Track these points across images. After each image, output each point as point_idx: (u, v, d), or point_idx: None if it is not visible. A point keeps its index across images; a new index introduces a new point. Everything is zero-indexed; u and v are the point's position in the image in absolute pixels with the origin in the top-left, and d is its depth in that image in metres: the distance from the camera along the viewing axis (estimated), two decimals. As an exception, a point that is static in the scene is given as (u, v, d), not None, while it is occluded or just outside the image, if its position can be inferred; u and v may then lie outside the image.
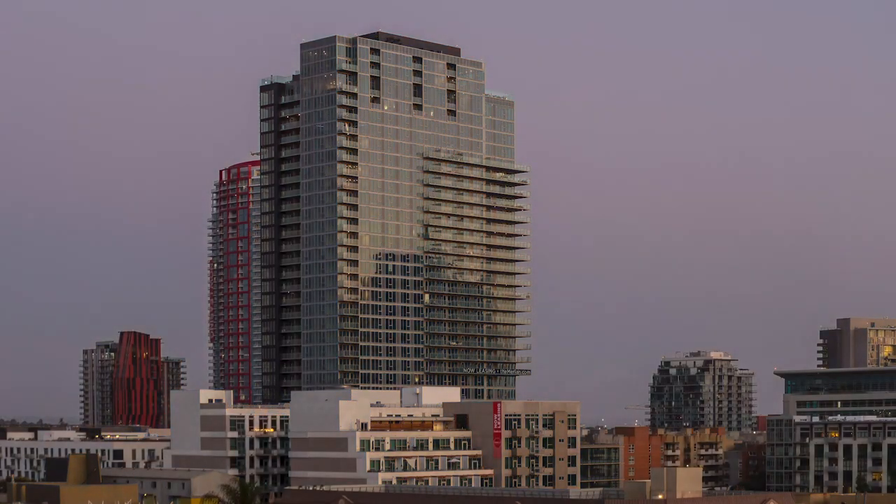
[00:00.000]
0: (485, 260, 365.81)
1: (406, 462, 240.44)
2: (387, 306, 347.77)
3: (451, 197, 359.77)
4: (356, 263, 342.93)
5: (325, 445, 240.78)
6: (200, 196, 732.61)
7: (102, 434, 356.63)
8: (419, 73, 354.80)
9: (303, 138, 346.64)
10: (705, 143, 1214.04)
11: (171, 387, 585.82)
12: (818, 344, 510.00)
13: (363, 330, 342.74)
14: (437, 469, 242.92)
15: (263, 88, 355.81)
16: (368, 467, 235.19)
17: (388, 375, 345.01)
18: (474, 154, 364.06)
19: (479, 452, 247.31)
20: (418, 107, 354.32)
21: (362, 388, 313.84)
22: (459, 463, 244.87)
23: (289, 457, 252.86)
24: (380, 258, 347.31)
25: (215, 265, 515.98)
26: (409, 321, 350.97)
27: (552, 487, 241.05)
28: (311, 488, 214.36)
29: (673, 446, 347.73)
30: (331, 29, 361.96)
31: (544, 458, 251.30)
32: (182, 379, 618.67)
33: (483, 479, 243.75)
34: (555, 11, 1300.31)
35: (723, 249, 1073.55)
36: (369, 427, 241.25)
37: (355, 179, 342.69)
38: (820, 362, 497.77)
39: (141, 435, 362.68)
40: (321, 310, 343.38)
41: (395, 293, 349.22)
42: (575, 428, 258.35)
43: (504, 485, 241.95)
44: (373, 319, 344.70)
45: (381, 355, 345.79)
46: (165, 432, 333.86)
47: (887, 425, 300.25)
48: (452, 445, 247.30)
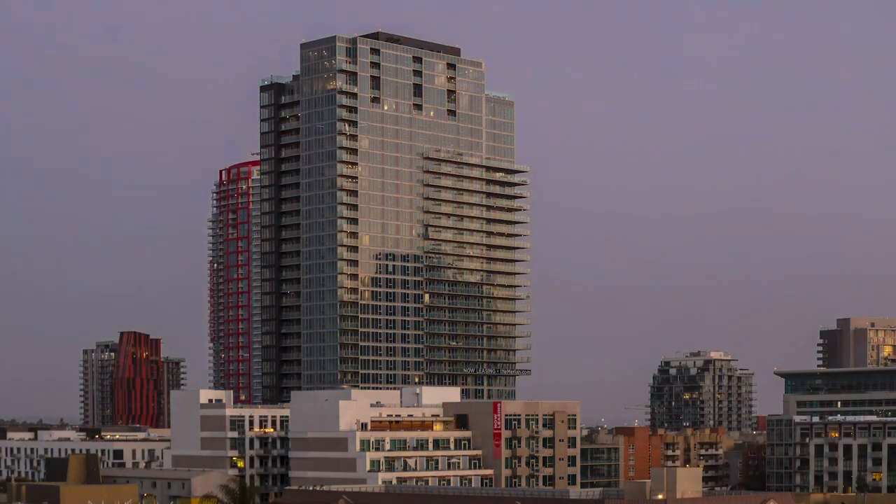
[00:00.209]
0: (485, 260, 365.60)
1: (406, 462, 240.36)
2: (387, 306, 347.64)
3: (451, 197, 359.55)
4: (356, 263, 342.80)
5: (325, 445, 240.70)
6: (200, 196, 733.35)
7: (102, 434, 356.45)
8: (419, 73, 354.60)
9: (303, 138, 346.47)
10: (706, 143, 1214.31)
11: (171, 387, 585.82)
12: (818, 344, 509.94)
13: (363, 330, 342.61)
14: (437, 469, 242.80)
15: (263, 88, 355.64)
16: (368, 467, 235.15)
17: (388, 375, 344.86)
18: (474, 154, 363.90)
19: (479, 452, 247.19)
20: (418, 107, 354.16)
21: (362, 388, 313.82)
22: (459, 463, 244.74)
23: (289, 457, 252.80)
24: (380, 258, 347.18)
25: (215, 265, 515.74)
26: (409, 321, 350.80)
27: (552, 487, 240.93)
28: (311, 488, 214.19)
29: (673, 446, 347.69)
30: (331, 29, 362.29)
31: (544, 458, 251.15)
32: (182, 379, 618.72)
33: (483, 479, 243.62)
34: (555, 12, 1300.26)
35: (723, 249, 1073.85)
36: (369, 427, 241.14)
37: (355, 179, 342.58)
38: (820, 362, 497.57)
39: (141, 435, 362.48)
40: (321, 310, 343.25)
41: (395, 293, 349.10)
42: (575, 428, 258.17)
43: (504, 485, 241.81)
44: (373, 319, 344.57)
45: (381, 355, 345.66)
46: (165, 432, 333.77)
47: (887, 425, 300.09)
48: (452, 445, 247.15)
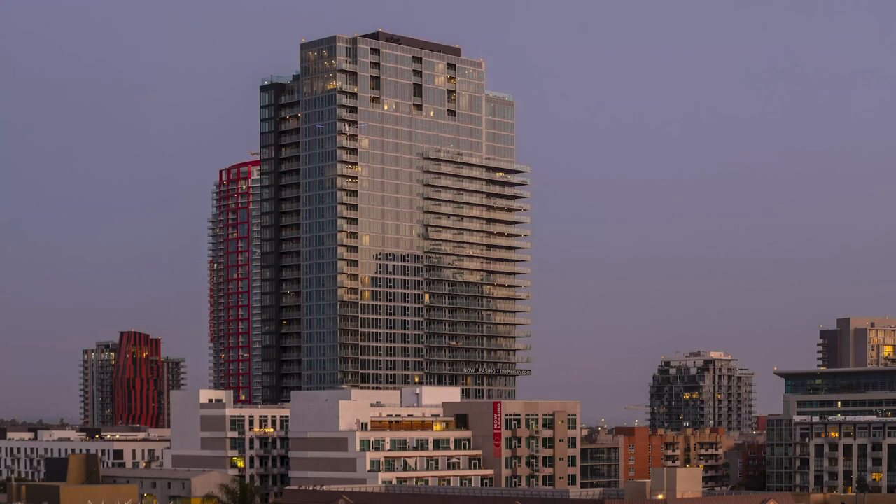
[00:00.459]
0: (485, 260, 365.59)
1: (406, 462, 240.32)
2: (387, 306, 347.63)
3: (451, 197, 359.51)
4: (356, 263, 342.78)
5: (325, 445, 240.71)
6: (200, 196, 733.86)
7: (102, 434, 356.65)
8: (419, 73, 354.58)
9: (303, 138, 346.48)
10: (706, 143, 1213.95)
11: (171, 387, 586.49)
12: (818, 344, 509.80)
13: (363, 330, 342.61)
14: (437, 469, 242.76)
15: (263, 88, 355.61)
16: (368, 467, 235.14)
17: (388, 375, 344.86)
18: (474, 154, 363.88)
19: (479, 452, 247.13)
20: (418, 107, 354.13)
21: (362, 388, 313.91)
22: (459, 463, 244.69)
23: (289, 457, 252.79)
24: (380, 258, 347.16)
25: (215, 265, 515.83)
26: (409, 321, 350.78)
27: (552, 487, 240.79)
28: (311, 488, 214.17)
29: (673, 446, 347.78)
30: (331, 29, 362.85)
31: (544, 458, 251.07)
32: (182, 379, 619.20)
33: (483, 479, 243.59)
34: (554, 12, 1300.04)
35: (723, 250, 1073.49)
36: (369, 427, 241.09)
37: (355, 179, 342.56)
38: (820, 362, 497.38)
39: (141, 435, 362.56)
40: (321, 310, 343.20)
41: (395, 293, 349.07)
42: (575, 428, 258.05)
43: (504, 485, 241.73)
44: (373, 319, 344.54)
45: (381, 355, 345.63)
46: (165, 432, 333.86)
47: (887, 425, 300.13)
48: (452, 445, 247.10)
